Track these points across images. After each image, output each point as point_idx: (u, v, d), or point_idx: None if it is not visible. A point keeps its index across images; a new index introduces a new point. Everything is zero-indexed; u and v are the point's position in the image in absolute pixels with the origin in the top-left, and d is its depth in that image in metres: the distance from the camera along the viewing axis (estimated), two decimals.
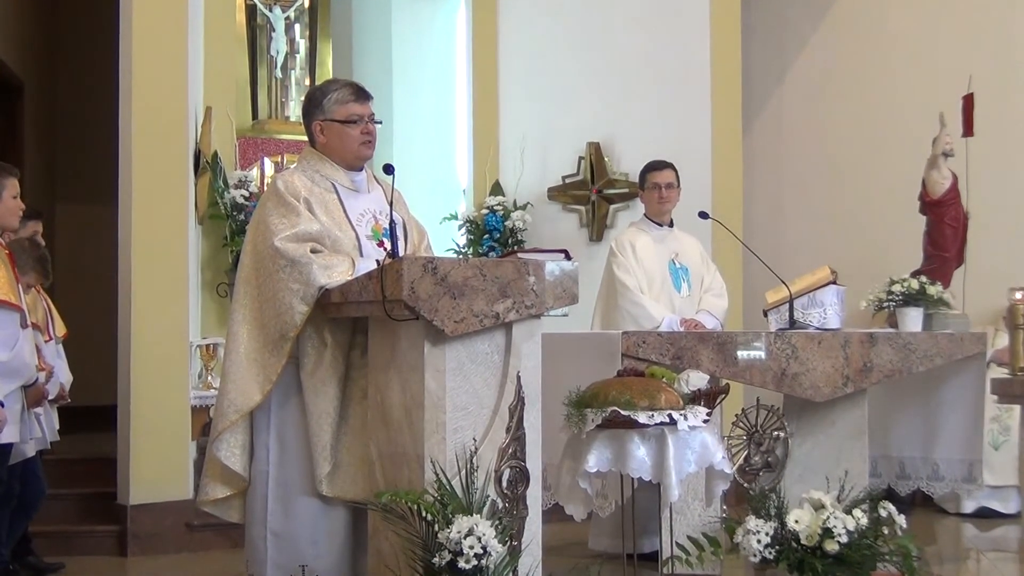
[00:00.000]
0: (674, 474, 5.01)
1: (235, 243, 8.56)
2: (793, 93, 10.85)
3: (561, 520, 5.71)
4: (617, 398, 5.02)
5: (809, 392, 6.34)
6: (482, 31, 10.05)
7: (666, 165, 7.55)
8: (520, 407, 4.69)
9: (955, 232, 8.75)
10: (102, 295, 9.45)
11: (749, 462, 6.24)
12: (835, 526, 5.43)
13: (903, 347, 6.71)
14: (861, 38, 10.54)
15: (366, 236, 5.13)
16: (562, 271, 4.82)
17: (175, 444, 7.86)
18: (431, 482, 4.49)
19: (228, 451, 5.04)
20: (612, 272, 7.39)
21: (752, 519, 5.57)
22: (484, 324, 4.60)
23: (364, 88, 5.31)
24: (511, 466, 4.66)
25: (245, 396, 4.96)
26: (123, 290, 7.93)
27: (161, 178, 7.91)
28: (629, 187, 9.53)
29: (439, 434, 4.54)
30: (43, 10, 12.39)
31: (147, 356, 7.78)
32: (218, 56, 9.14)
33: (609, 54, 9.79)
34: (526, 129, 9.98)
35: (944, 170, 8.70)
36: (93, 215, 11.63)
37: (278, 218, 4.96)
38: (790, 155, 10.81)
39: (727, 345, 6.18)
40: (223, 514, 5.23)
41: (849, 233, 10.27)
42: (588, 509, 5.35)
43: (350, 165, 5.24)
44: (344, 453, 4.96)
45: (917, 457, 7.49)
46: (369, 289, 4.61)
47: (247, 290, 5.03)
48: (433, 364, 4.56)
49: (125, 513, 7.73)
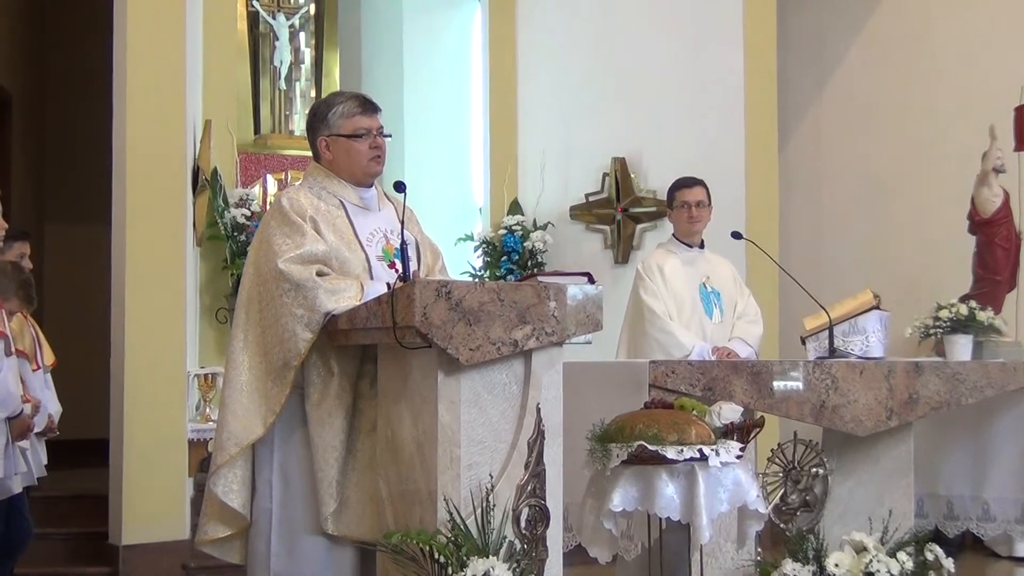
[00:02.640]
0: (705, 514, 4.99)
1: (236, 266, 8.58)
2: (832, 105, 10.86)
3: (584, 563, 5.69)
4: (644, 432, 5.01)
5: (850, 426, 6.32)
6: (499, 39, 10.09)
7: (696, 182, 7.53)
8: (540, 441, 4.69)
9: (1007, 253, 8.74)
10: (94, 321, 9.47)
11: (786, 501, 6.21)
12: (878, 570, 5.42)
13: (951, 377, 6.68)
14: (904, 47, 10.54)
15: (377, 257, 5.13)
16: (585, 295, 4.81)
17: (171, 480, 7.88)
18: (444, 521, 4.48)
19: (226, 487, 5.04)
20: (639, 297, 7.38)
21: (789, 562, 5.55)
22: (501, 352, 4.60)
23: (372, 100, 5.32)
24: (530, 505, 4.65)
25: (246, 428, 4.96)
26: (116, 316, 7.96)
27: (157, 196, 7.95)
28: (657, 205, 9.54)
29: (453, 470, 4.54)
30: (32, 17, 12.47)
31: (141, 387, 7.80)
32: (218, 66, 9.19)
33: (636, 63, 9.81)
34: (547, 144, 10.01)
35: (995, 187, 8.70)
36: (84, 236, 11.65)
37: (282, 238, 4.97)
38: (829, 171, 10.81)
39: (762, 375, 6.17)
40: (223, 555, 5.22)
41: (893, 255, 10.25)
42: (613, 551, 5.33)
43: (359, 182, 5.25)
44: (351, 490, 4.95)
45: (967, 496, 7.48)
46: (379, 315, 4.61)
47: (248, 315, 5.04)
48: (447, 395, 4.56)
49: (117, 554, 7.74)
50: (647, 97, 9.79)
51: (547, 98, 10.09)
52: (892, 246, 10.31)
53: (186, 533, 7.71)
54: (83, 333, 10.24)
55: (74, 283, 11.70)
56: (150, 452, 7.78)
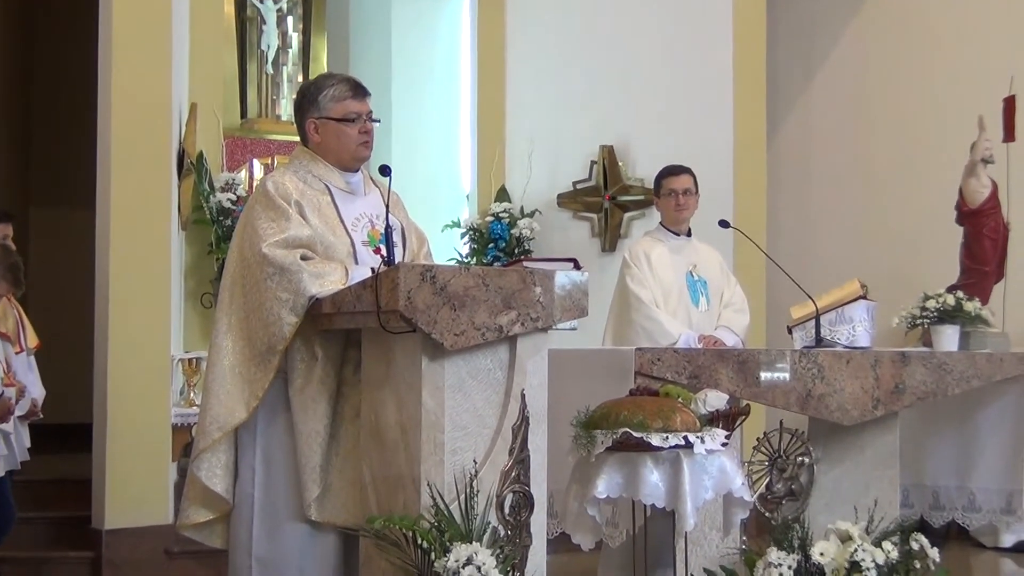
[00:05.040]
0: (690, 501, 4.99)
1: (220, 250, 8.55)
2: (822, 94, 10.86)
3: (568, 550, 5.69)
4: (629, 419, 5.01)
5: (836, 415, 6.33)
6: (488, 24, 10.06)
7: (684, 170, 7.53)
8: (524, 427, 4.68)
9: (994, 244, 8.75)
10: (78, 305, 9.44)
11: (771, 489, 6.22)
12: (863, 560, 5.41)
13: (938, 367, 6.69)
14: (895, 37, 10.55)
15: (362, 242, 5.12)
16: (571, 282, 4.80)
17: (154, 465, 7.86)
18: (427, 507, 4.47)
19: (209, 471, 5.03)
20: (625, 284, 7.38)
21: (774, 551, 5.54)
22: (486, 338, 4.59)
23: (362, 84, 5.30)
24: (514, 491, 4.64)
25: (229, 412, 4.95)
26: (100, 300, 7.93)
27: (142, 180, 7.91)
28: (644, 194, 9.54)
29: (437, 455, 4.53)
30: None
31: (125, 371, 7.77)
32: (204, 50, 9.14)
33: (624, 51, 9.80)
34: (535, 130, 9.98)
35: (983, 178, 8.70)
36: (69, 219, 11.63)
37: (267, 222, 4.95)
38: (818, 161, 10.81)
39: (748, 364, 6.17)
40: (205, 539, 5.22)
41: (881, 244, 10.27)
42: (597, 538, 5.33)
43: (346, 166, 5.24)
44: (335, 475, 4.94)
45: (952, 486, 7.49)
46: (363, 299, 4.60)
47: (232, 299, 5.03)
48: (431, 380, 4.55)
49: (100, 538, 7.72)
50: (636, 85, 9.78)
51: (535, 85, 10.06)
52: (880, 235, 10.32)
53: (169, 517, 7.69)
54: (67, 317, 10.22)
55: (59, 267, 11.68)
56: (133, 436, 7.75)
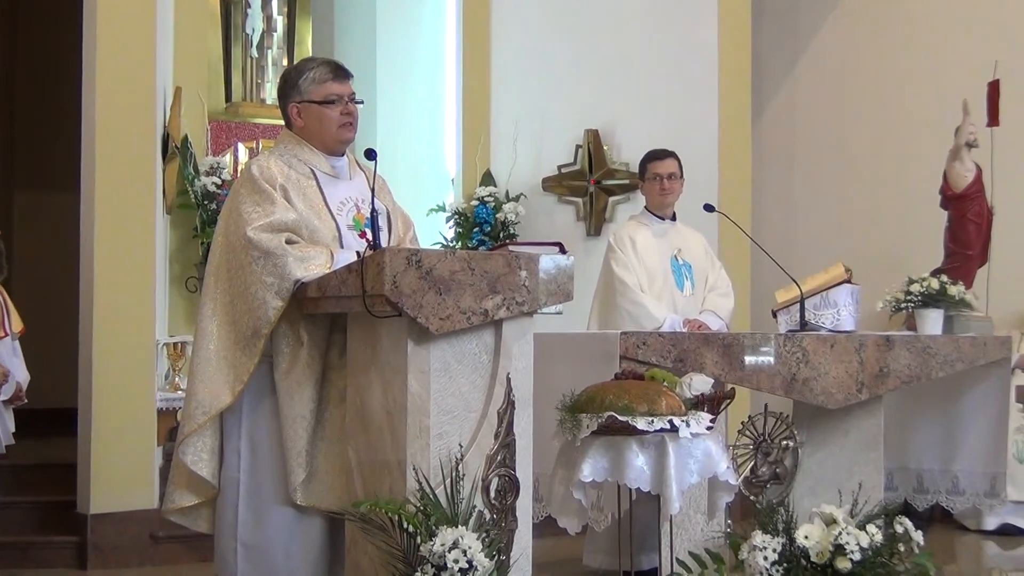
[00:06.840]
0: (675, 485, 5.01)
1: (206, 234, 8.53)
2: (807, 78, 10.87)
3: (554, 534, 5.71)
4: (614, 402, 5.02)
5: (821, 399, 6.35)
6: (473, 9, 10.02)
7: (668, 154, 7.54)
8: (510, 411, 4.69)
9: (978, 228, 8.78)
10: (63, 289, 9.42)
11: (756, 473, 6.24)
12: (847, 543, 5.43)
13: (922, 351, 6.71)
14: (879, 22, 10.56)
15: (347, 226, 5.12)
16: (557, 266, 4.80)
17: (139, 449, 7.85)
18: (413, 491, 4.48)
19: (195, 455, 5.03)
20: (610, 268, 7.39)
21: (758, 534, 5.57)
22: (472, 322, 4.59)
23: (343, 66, 5.30)
24: (500, 475, 4.65)
25: (214, 397, 4.94)
26: (85, 284, 7.91)
27: (126, 164, 7.89)
28: (629, 178, 9.54)
29: (422, 439, 4.53)
30: None
31: (110, 355, 7.76)
32: (189, 33, 9.09)
33: (609, 34, 9.78)
34: (520, 114, 9.96)
35: (967, 162, 8.73)
36: (53, 203, 11.59)
37: (252, 206, 4.95)
38: (803, 145, 10.82)
39: (733, 347, 6.18)
40: (190, 524, 5.22)
41: (865, 229, 10.28)
42: (582, 522, 5.35)
43: (330, 149, 5.23)
44: (320, 460, 4.94)
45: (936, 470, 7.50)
46: (349, 283, 4.60)
47: (217, 283, 5.02)
48: (416, 364, 4.55)
49: (85, 523, 7.71)
50: (621, 69, 9.77)
51: (520, 69, 10.04)
52: (864, 220, 10.34)
53: (155, 502, 7.69)
54: (52, 301, 10.19)
55: (43, 251, 11.63)
56: (119, 421, 7.74)
